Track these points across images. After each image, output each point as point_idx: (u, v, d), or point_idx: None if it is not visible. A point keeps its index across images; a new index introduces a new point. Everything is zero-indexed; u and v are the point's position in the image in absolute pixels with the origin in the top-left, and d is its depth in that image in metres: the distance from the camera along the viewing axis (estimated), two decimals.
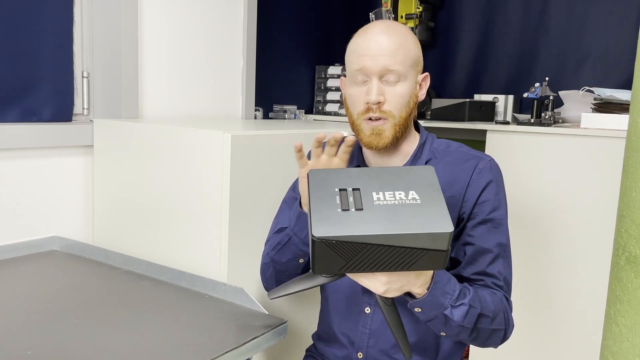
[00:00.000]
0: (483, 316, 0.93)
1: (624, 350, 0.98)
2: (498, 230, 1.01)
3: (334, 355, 1.13)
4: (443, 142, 1.09)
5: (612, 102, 1.75)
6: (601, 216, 1.71)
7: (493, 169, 1.03)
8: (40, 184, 1.41)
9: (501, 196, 1.03)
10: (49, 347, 0.83)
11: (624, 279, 1.00)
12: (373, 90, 0.98)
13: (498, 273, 0.99)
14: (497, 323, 0.95)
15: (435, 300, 0.88)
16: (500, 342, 1.00)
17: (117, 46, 1.54)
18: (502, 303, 0.97)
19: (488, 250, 1.00)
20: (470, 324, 0.91)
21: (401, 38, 0.98)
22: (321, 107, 2.60)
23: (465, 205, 1.01)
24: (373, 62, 0.97)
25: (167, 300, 1.07)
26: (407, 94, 0.99)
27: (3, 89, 1.35)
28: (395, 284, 0.82)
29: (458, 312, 0.89)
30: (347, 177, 0.78)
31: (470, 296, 0.92)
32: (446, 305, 0.89)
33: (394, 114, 0.99)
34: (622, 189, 1.04)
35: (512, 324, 1.00)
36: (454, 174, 1.02)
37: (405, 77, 0.99)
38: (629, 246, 1.00)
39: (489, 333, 0.96)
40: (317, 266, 0.73)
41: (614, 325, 1.02)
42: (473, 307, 0.91)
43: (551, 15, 2.26)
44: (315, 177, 0.79)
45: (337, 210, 0.73)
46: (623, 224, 1.02)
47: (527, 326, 1.89)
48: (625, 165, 1.03)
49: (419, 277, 0.84)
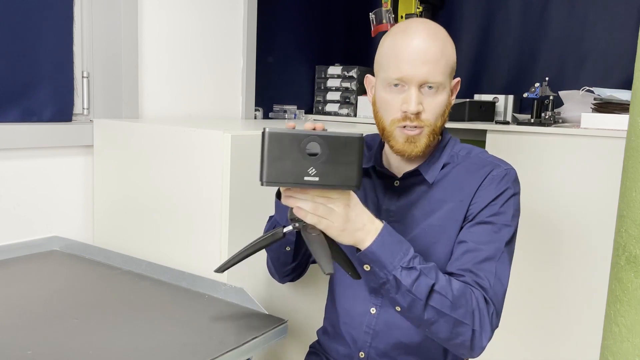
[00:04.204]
0: (437, 293, 0.87)
1: (624, 350, 0.98)
2: (497, 234, 0.96)
3: (336, 352, 1.13)
4: (466, 147, 1.06)
5: (612, 102, 1.75)
6: (601, 216, 1.71)
7: (508, 177, 1.00)
8: (40, 184, 1.42)
9: (510, 205, 0.98)
10: (49, 347, 0.83)
11: (624, 279, 1.00)
12: (412, 100, 0.95)
13: (484, 274, 0.93)
14: (461, 314, 0.88)
15: (383, 256, 0.86)
16: (469, 344, 0.90)
17: (117, 46, 1.54)
18: (474, 300, 0.90)
19: (479, 249, 0.95)
20: (421, 294, 0.86)
21: (442, 44, 0.95)
22: (321, 107, 2.60)
23: (472, 208, 0.99)
24: (414, 71, 0.94)
25: (167, 300, 1.07)
26: (444, 103, 0.98)
27: (3, 89, 1.35)
28: (350, 224, 0.84)
29: (407, 274, 0.86)
30: None
31: (426, 265, 0.88)
32: (395, 265, 0.86)
33: (431, 123, 0.98)
34: (622, 189, 1.04)
35: (489, 330, 0.91)
36: (468, 179, 1.00)
37: (444, 87, 0.97)
38: (629, 246, 1.00)
39: (450, 322, 0.88)
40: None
41: (614, 325, 1.02)
42: (425, 275, 0.87)
43: (551, 15, 2.26)
44: None
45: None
46: (623, 224, 1.02)
47: (527, 326, 1.89)
48: (625, 165, 1.03)
49: (372, 223, 0.86)
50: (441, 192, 1.02)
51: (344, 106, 2.53)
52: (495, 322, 0.92)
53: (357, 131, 0.81)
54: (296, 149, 0.78)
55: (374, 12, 2.21)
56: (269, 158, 0.78)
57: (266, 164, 0.78)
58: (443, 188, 1.02)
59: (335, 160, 0.79)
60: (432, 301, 0.87)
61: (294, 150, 0.78)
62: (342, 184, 0.81)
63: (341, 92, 2.53)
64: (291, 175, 0.79)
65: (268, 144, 0.78)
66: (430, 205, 1.02)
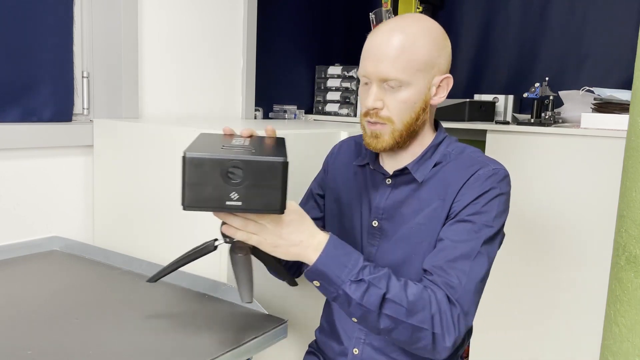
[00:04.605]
0: (391, 302, 0.86)
1: (624, 350, 0.98)
2: (476, 233, 0.93)
3: (331, 350, 1.14)
4: (460, 146, 1.05)
5: (612, 102, 1.75)
6: (601, 216, 1.71)
7: (495, 177, 0.96)
8: (40, 184, 1.42)
9: (494, 205, 0.95)
10: (49, 347, 0.83)
11: (624, 279, 1.00)
12: (370, 96, 0.96)
13: (456, 273, 0.90)
14: (418, 320, 0.86)
15: (329, 271, 0.85)
16: (431, 347, 0.88)
17: (117, 46, 1.54)
18: (433, 304, 0.87)
19: (455, 247, 0.92)
20: (373, 305, 0.85)
21: (406, 40, 0.94)
22: (321, 107, 2.60)
23: (454, 206, 0.97)
24: (373, 68, 0.96)
25: (167, 300, 1.07)
26: (411, 100, 0.96)
27: (3, 89, 1.35)
28: (283, 240, 0.84)
29: (357, 288, 0.85)
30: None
31: (375, 275, 0.86)
32: (344, 280, 0.85)
33: (393, 120, 0.97)
34: (622, 189, 1.04)
35: (454, 331, 0.88)
36: (455, 178, 0.99)
37: (409, 84, 0.95)
38: (629, 246, 1.00)
39: (408, 328, 0.86)
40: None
41: (614, 325, 1.02)
42: (375, 285, 0.85)
43: (551, 15, 2.26)
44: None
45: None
46: (623, 224, 1.02)
47: (527, 326, 1.89)
48: (625, 165, 1.03)
49: (312, 238, 0.86)
50: (429, 191, 1.00)
51: (344, 106, 2.53)
52: (462, 322, 0.89)
53: (283, 156, 0.79)
54: (217, 174, 0.76)
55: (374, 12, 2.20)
56: (189, 183, 0.76)
57: (186, 189, 0.76)
58: (431, 187, 1.00)
59: (257, 185, 0.77)
60: (385, 310, 0.86)
61: (215, 176, 0.76)
62: (265, 209, 0.79)
63: (341, 92, 2.53)
64: (212, 200, 0.77)
65: (188, 169, 0.76)
66: (419, 204, 1.01)
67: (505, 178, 0.98)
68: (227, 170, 0.76)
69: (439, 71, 0.99)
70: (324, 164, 1.22)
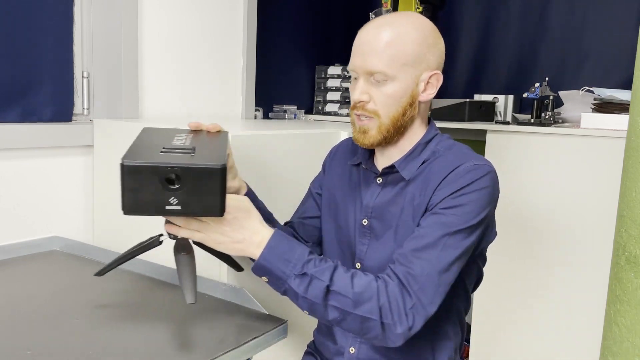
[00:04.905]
0: (336, 293, 0.87)
1: (624, 351, 0.98)
2: (446, 226, 0.92)
3: (328, 349, 1.14)
4: (449, 143, 1.04)
5: (612, 102, 1.75)
6: (601, 216, 1.71)
7: (475, 172, 0.94)
8: (40, 184, 1.42)
9: (472, 200, 0.93)
10: (49, 347, 0.83)
11: (624, 279, 1.00)
12: (357, 90, 0.98)
13: (419, 262, 0.89)
14: (365, 310, 0.87)
15: (274, 267, 0.87)
16: (382, 337, 0.89)
17: (117, 46, 1.54)
18: (382, 295, 0.88)
19: (422, 237, 0.92)
20: (317, 298, 0.87)
21: (394, 35, 0.94)
22: (321, 107, 2.60)
23: (431, 200, 0.96)
24: (360, 61, 0.98)
25: (167, 300, 1.07)
26: (397, 95, 0.96)
27: (3, 89, 1.35)
28: (226, 237, 0.86)
29: (300, 282, 0.87)
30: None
31: (319, 268, 0.88)
32: (288, 274, 0.87)
33: (380, 114, 0.98)
34: (622, 189, 1.04)
35: (406, 321, 0.87)
36: (437, 173, 0.97)
37: (395, 78, 0.95)
38: (629, 246, 1.00)
39: (357, 319, 0.87)
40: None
41: (614, 325, 1.02)
42: (318, 278, 0.87)
43: (551, 16, 2.26)
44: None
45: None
46: (623, 224, 1.02)
47: (527, 326, 1.89)
48: (625, 165, 1.03)
49: (255, 235, 0.88)
50: (414, 189, 1.00)
51: (344, 106, 2.53)
52: (420, 311, 0.88)
53: (221, 160, 0.80)
54: (155, 180, 0.77)
55: (374, 12, 2.20)
56: (127, 189, 0.77)
57: (125, 195, 0.77)
58: (417, 184, 1.00)
59: (196, 190, 0.78)
60: (331, 301, 0.87)
61: (153, 182, 0.77)
62: (205, 213, 0.80)
63: (341, 92, 2.53)
64: (152, 206, 0.78)
65: (126, 176, 0.77)
66: (405, 201, 1.01)
67: (488, 174, 0.95)
68: (165, 177, 0.77)
69: (428, 67, 0.98)
70: (323, 164, 1.23)
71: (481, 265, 1.09)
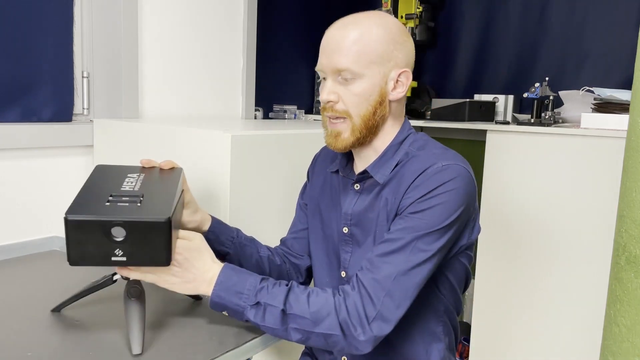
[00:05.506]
0: (293, 316, 0.87)
1: (624, 351, 0.98)
2: (413, 230, 0.90)
3: (322, 354, 1.14)
4: (422, 142, 1.01)
5: (612, 102, 1.75)
6: (601, 216, 1.72)
7: (444, 174, 0.91)
8: (40, 184, 1.42)
9: (442, 202, 0.91)
10: (49, 347, 0.83)
11: (624, 279, 1.00)
12: (325, 90, 0.97)
13: (387, 268, 0.89)
14: (326, 327, 0.87)
15: (228, 302, 0.88)
16: (348, 348, 0.89)
17: (117, 46, 1.54)
18: (342, 309, 0.88)
19: (389, 242, 0.91)
20: (275, 324, 0.87)
21: (360, 33, 0.93)
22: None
23: (401, 204, 0.94)
24: (326, 60, 0.97)
25: (167, 300, 1.07)
26: (365, 93, 0.95)
27: (3, 89, 1.35)
28: (177, 278, 0.87)
29: (256, 312, 0.88)
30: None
31: (271, 294, 0.88)
32: (244, 306, 0.88)
33: (350, 114, 0.96)
34: (622, 189, 1.04)
35: (370, 329, 0.87)
36: (408, 176, 0.95)
37: (362, 76, 0.94)
38: (629, 246, 1.00)
39: (320, 337, 0.88)
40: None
41: (614, 325, 1.01)
42: (271, 305, 0.87)
43: (551, 15, 2.26)
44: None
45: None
46: (623, 224, 1.02)
47: (527, 326, 1.89)
48: (625, 165, 1.03)
49: (206, 273, 0.88)
50: (388, 192, 0.98)
51: None
52: (384, 315, 0.88)
53: (166, 212, 0.80)
54: (100, 234, 0.77)
55: None
56: (72, 242, 0.77)
57: (70, 247, 0.78)
58: (391, 188, 0.98)
59: (141, 242, 0.78)
60: (291, 324, 0.88)
61: (97, 235, 0.77)
62: (151, 263, 0.81)
63: None
64: (98, 257, 0.79)
65: (70, 230, 0.77)
66: (380, 206, 0.99)
67: (461, 174, 0.93)
68: (108, 231, 0.77)
69: (396, 65, 0.97)
70: (307, 172, 1.21)
71: (467, 263, 1.06)
